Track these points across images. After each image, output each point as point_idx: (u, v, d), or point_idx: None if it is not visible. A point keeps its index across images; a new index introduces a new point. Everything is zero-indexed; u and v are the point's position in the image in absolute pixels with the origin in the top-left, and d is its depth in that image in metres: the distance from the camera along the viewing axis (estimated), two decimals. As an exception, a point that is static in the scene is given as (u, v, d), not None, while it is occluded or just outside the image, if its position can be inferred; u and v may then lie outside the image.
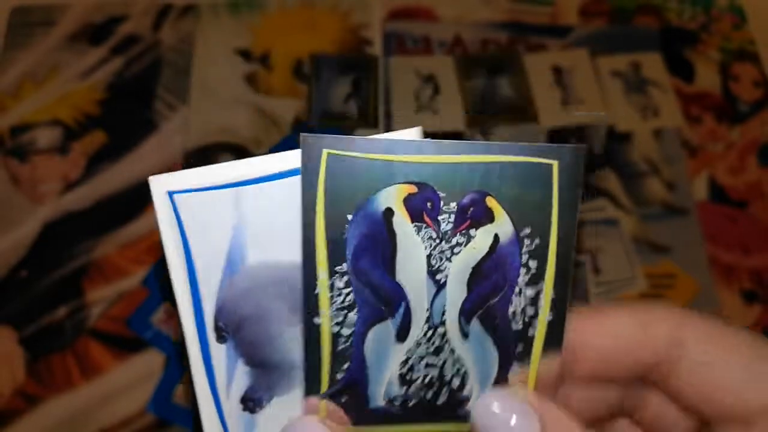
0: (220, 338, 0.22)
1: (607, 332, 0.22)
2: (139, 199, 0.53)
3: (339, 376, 0.21)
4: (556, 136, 0.57)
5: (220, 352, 0.22)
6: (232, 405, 0.22)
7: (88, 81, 0.58)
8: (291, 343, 0.22)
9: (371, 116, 0.57)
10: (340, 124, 0.57)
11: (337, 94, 0.58)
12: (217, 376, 0.22)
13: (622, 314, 0.23)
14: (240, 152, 0.55)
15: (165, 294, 0.47)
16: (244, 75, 0.59)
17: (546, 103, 0.59)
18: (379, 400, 0.22)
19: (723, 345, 0.22)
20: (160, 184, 0.21)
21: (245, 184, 0.21)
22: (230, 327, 0.22)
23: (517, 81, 0.59)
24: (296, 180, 0.21)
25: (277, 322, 0.22)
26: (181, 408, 0.46)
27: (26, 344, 0.48)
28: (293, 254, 0.22)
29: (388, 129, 0.57)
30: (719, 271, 0.53)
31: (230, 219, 0.22)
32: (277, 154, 0.22)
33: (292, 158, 0.21)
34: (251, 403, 0.22)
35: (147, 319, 0.49)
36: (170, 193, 0.21)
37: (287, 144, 0.55)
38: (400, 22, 0.62)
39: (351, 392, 0.21)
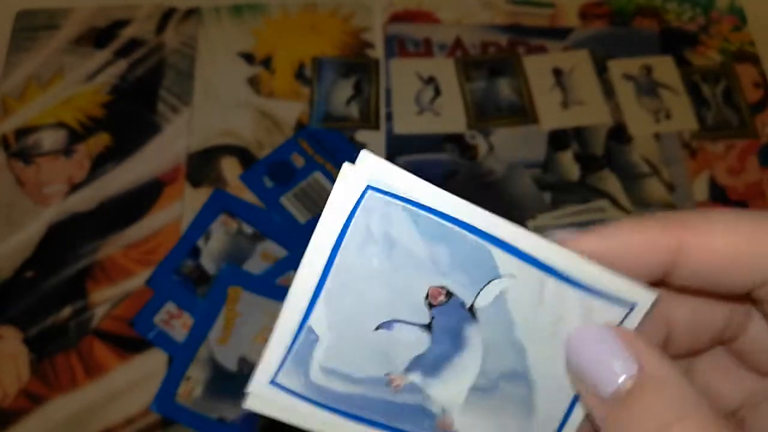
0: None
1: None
2: (143, 200, 0.54)
3: None
4: (557, 136, 0.57)
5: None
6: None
7: (92, 84, 0.58)
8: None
9: (373, 118, 0.58)
10: (342, 127, 0.57)
11: (339, 96, 0.59)
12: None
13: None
14: (243, 155, 0.56)
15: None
16: (246, 78, 0.59)
17: (546, 105, 0.59)
18: None
19: None
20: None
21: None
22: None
23: (517, 83, 0.60)
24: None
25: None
26: (184, 407, 0.46)
27: (31, 344, 0.49)
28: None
29: (389, 131, 0.57)
30: (719, 271, 0.53)
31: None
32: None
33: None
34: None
35: (150, 320, 0.49)
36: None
37: (288, 145, 0.56)
38: (401, 25, 0.62)
39: None
